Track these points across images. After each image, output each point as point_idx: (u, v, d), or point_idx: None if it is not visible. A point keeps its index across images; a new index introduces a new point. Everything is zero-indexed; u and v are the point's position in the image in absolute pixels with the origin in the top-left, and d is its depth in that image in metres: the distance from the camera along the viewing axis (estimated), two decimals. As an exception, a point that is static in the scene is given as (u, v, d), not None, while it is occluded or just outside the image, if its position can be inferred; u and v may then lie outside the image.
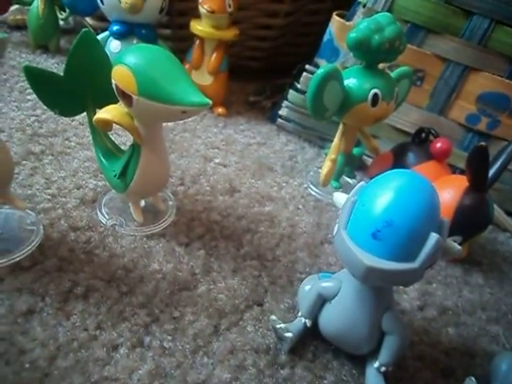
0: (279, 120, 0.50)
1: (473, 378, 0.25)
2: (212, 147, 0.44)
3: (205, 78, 0.49)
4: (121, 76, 0.25)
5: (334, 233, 0.23)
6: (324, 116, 0.36)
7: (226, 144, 0.45)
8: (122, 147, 0.32)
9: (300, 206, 0.39)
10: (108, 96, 0.27)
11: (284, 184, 0.42)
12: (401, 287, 0.33)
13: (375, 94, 0.35)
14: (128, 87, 0.25)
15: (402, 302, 0.32)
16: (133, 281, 0.28)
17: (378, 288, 0.24)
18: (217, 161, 0.42)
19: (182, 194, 0.37)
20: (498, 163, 0.35)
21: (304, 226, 0.37)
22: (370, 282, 0.23)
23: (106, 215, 0.32)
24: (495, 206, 0.45)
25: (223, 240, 0.33)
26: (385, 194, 0.21)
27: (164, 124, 0.44)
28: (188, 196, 0.37)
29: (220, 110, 0.51)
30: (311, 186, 0.41)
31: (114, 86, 0.26)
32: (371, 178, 0.23)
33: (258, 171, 0.42)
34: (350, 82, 0.35)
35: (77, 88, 0.30)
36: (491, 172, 0.35)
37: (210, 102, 0.25)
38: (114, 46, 0.48)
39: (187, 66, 0.49)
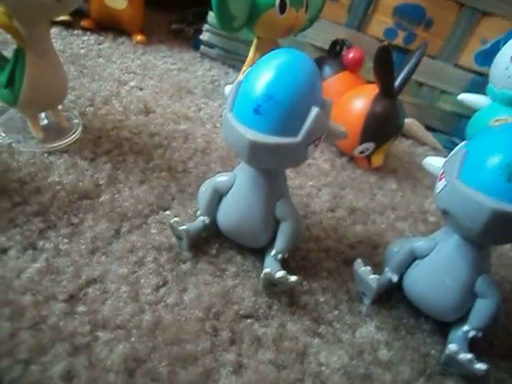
0: (202, 47, 0.49)
1: (359, 260, 0.26)
2: (128, 72, 0.42)
3: (119, 2, 0.46)
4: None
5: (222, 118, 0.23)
6: (233, 26, 0.35)
7: (144, 69, 0.44)
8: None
9: (218, 125, 0.39)
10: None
11: (203, 105, 0.41)
12: (313, 193, 0.34)
13: (282, 0, 0.34)
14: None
15: (314, 204, 0.33)
16: (28, 192, 0.27)
17: (271, 176, 0.24)
18: (132, 84, 0.41)
19: (91, 115, 0.35)
20: (406, 68, 0.36)
21: (220, 141, 0.36)
22: (257, 163, 0.23)
23: (2, 133, 0.31)
24: (415, 121, 0.46)
25: (132, 154, 0.32)
26: (266, 71, 0.21)
27: (75, 51, 0.43)
28: (98, 116, 0.35)
29: (139, 37, 0.48)
30: (231, 106, 0.41)
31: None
32: None
33: (176, 94, 0.41)
34: (256, -13, 0.34)
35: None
36: (399, 77, 0.36)
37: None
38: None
39: (99, -10, 0.46)
